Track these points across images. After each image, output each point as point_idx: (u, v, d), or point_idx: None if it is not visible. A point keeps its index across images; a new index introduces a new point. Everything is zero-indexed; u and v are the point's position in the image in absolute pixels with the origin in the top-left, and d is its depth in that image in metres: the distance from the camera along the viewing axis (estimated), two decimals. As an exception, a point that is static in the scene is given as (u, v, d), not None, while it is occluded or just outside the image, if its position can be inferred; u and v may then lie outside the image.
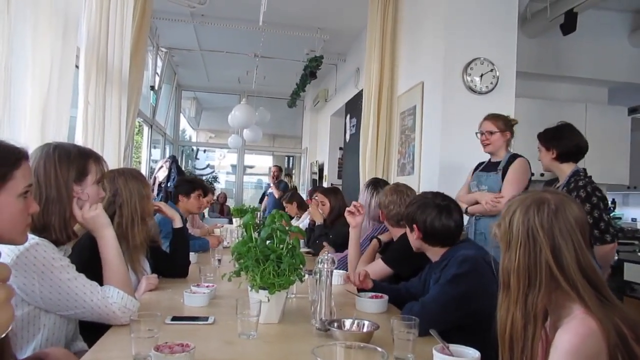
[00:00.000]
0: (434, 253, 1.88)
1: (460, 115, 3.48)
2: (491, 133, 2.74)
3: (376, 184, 2.82)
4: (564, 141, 2.47)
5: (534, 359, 1.08)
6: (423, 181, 3.77)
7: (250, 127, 7.38)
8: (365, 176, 4.47)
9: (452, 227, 1.83)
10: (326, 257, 1.56)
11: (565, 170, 2.50)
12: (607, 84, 5.22)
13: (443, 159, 3.52)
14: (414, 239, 1.91)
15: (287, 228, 1.72)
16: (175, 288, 2.10)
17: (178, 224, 2.42)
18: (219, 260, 2.66)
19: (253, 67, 7.04)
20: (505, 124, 2.73)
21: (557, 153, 2.48)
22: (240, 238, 2.43)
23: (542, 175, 3.36)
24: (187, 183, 3.40)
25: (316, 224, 3.56)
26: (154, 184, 6.34)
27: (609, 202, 6.97)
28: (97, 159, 1.57)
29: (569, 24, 4.08)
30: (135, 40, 3.91)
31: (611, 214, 7.35)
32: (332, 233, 3.24)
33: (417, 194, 2.41)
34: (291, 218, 4.50)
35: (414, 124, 3.99)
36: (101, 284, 1.51)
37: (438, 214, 1.83)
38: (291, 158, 12.56)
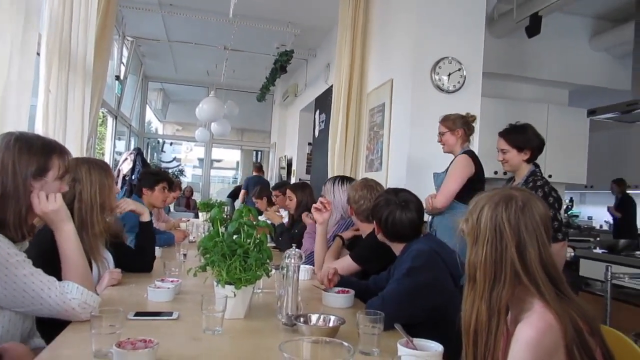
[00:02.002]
0: (396, 248, 1.92)
1: (428, 113, 3.53)
2: (442, 134, 2.82)
3: (344, 180, 2.83)
4: (535, 142, 2.52)
5: (496, 352, 1.11)
6: (391, 177, 3.80)
7: (218, 121, 7.27)
8: (333, 171, 4.47)
9: (406, 224, 1.86)
10: (293, 252, 1.55)
11: (524, 170, 2.55)
12: (569, 86, 5.41)
13: (411, 155, 3.56)
14: (377, 234, 1.94)
15: (255, 222, 1.70)
16: (139, 283, 2.06)
17: (146, 217, 2.37)
18: (185, 255, 2.62)
19: (222, 59, 6.94)
20: (454, 122, 2.79)
21: (530, 155, 2.52)
22: (206, 233, 2.41)
23: (495, 173, 3.44)
24: (151, 176, 3.33)
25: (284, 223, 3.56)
26: (118, 176, 6.18)
27: (568, 201, 7.22)
28: (62, 153, 1.47)
29: (533, 27, 4.19)
30: (100, 28, 3.79)
31: (569, 212, 7.63)
32: (297, 228, 3.22)
33: (384, 188, 2.44)
34: (260, 213, 4.47)
35: (382, 120, 4.02)
36: (60, 279, 1.46)
37: (394, 210, 1.86)
38: (260, 153, 12.46)
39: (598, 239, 5.39)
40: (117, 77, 6.69)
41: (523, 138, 2.51)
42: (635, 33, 3.92)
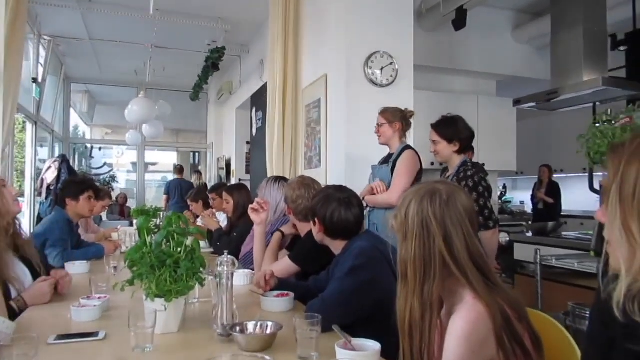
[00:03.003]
0: (337, 246, 1.90)
1: (363, 107, 3.56)
2: (380, 125, 2.86)
3: (278, 179, 2.82)
4: (464, 134, 2.60)
5: (431, 346, 1.12)
6: (330, 174, 3.81)
7: (150, 122, 7.01)
8: (273, 170, 4.43)
9: (351, 220, 1.86)
10: (226, 258, 1.50)
11: (456, 160, 2.64)
12: (495, 77, 5.67)
13: (349, 151, 3.58)
14: (316, 232, 1.92)
15: (185, 229, 1.63)
16: (63, 302, 1.92)
17: None
18: (115, 268, 2.47)
19: (150, 58, 6.68)
20: (393, 115, 2.84)
21: (460, 146, 2.60)
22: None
23: (432, 164, 3.53)
24: (74, 184, 3.13)
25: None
26: (41, 186, 5.81)
27: (501, 187, 7.53)
28: None
29: (459, 20, 4.34)
30: (9, 26, 3.53)
31: (503, 198, 8.00)
32: (237, 231, 3.16)
33: (322, 186, 2.43)
34: (196, 217, 4.35)
35: (319, 116, 4.01)
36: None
37: (338, 207, 1.85)
38: (197, 154, 12.17)
39: (530, 222, 5.70)
40: (35, 80, 6.25)
41: (452, 130, 2.60)
42: (552, 26, 4.16)
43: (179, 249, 1.57)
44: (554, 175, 6.76)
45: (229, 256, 1.51)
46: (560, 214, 6.50)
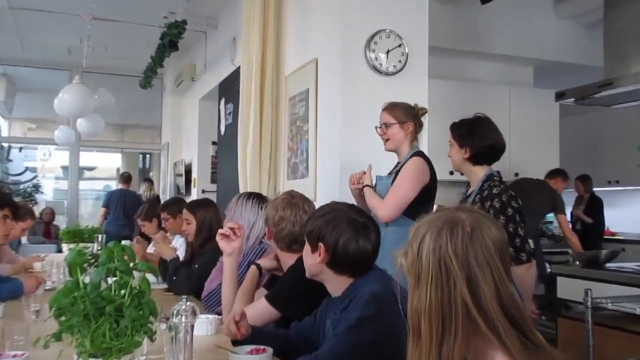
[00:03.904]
0: (337, 284, 1.88)
1: (364, 101, 3.56)
2: (388, 125, 2.85)
3: (252, 196, 2.83)
4: (478, 139, 2.61)
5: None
6: (320, 186, 3.81)
7: (88, 116, 6.95)
8: (246, 180, 4.42)
9: (369, 251, 1.85)
10: (184, 306, 1.47)
11: (478, 173, 2.64)
12: (533, 63, 5.73)
13: (345, 157, 3.57)
14: (314, 262, 1.88)
15: (131, 265, 1.61)
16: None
17: None
18: (37, 313, 2.43)
19: (88, 32, 6.65)
20: (405, 113, 2.85)
21: (470, 153, 2.62)
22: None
23: (451, 173, 3.57)
24: (-17, 200, 3.09)
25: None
26: (-58, 199, 5.72)
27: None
28: None
29: (488, -10, 4.39)
30: None
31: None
32: (199, 262, 3.14)
33: (316, 206, 2.42)
34: (148, 241, 4.30)
35: (306, 112, 4.02)
36: None
37: (354, 233, 1.83)
38: (147, 156, 12.12)
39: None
40: None
41: (466, 132, 2.64)
42: (606, -2, 4.21)
43: (123, 292, 1.54)
44: (603, 189, 6.81)
45: (188, 303, 1.48)
46: (602, 236, 6.54)
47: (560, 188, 5.52)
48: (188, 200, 6.69)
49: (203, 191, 7.49)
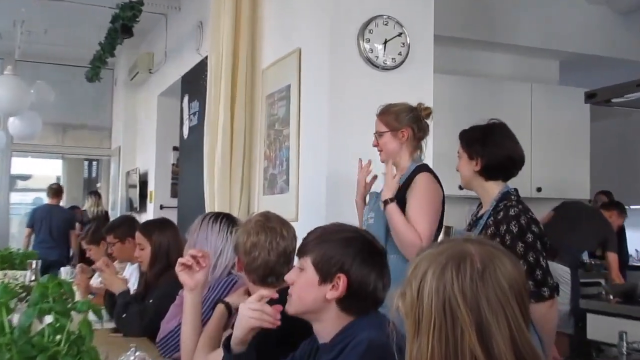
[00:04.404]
0: (333, 326, 1.84)
1: (357, 101, 3.57)
2: (379, 134, 2.86)
3: (220, 217, 2.81)
4: (492, 149, 2.61)
5: None
6: (304, 203, 3.80)
7: (22, 114, 6.93)
8: (213, 196, 4.42)
9: (382, 289, 1.84)
10: (134, 357, 1.45)
11: (491, 191, 2.64)
12: (558, 56, 5.76)
13: (334, 168, 3.57)
14: (320, 296, 1.83)
15: (70, 305, 1.59)
16: None
17: None
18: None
19: (23, 14, 6.64)
20: (398, 118, 2.83)
21: (482, 166, 2.62)
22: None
23: (460, 188, 3.59)
24: None
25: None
26: None
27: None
28: None
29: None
30: None
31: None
32: (155, 296, 3.12)
33: (294, 230, 2.42)
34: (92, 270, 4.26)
35: (287, 113, 4.02)
36: None
37: (375, 266, 1.84)
38: (94, 164, 12.10)
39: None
40: None
41: (476, 138, 2.64)
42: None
43: (58, 338, 1.53)
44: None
45: (138, 354, 1.46)
46: (626, 266, 6.56)
47: (615, 224, 5.59)
48: (142, 219, 6.71)
49: (161, 207, 7.51)
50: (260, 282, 2.33)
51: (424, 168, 2.81)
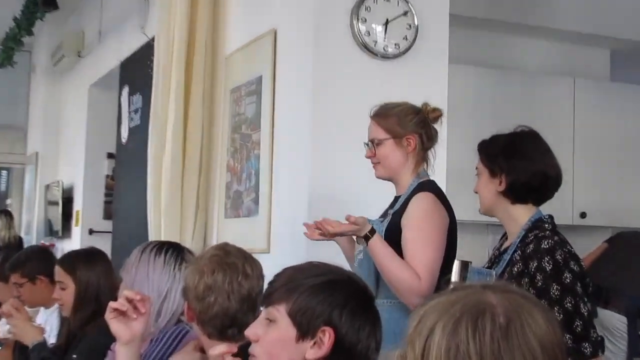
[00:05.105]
0: None
1: (348, 97, 3.59)
2: (377, 143, 2.86)
3: (180, 249, 2.82)
4: (520, 164, 2.61)
5: None
6: (277, 229, 3.83)
7: None
8: (159, 218, 4.44)
9: (373, 348, 1.86)
10: None
11: (519, 217, 2.64)
12: (609, 44, 5.81)
13: (316, 183, 3.60)
14: (298, 356, 1.83)
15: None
16: None
17: None
18: None
19: None
20: (401, 122, 2.84)
21: (506, 185, 2.61)
22: None
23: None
24: None
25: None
26: None
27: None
28: None
29: None
30: None
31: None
32: (79, 350, 3.12)
33: (261, 266, 2.43)
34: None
35: (258, 112, 4.05)
36: None
37: (366, 321, 1.85)
38: (3, 174, 12.11)
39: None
40: None
41: (500, 152, 2.63)
42: None
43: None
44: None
45: None
46: None
47: None
48: (65, 248, 6.69)
49: (91, 232, 7.52)
50: (217, 335, 2.32)
51: (427, 186, 2.81)
